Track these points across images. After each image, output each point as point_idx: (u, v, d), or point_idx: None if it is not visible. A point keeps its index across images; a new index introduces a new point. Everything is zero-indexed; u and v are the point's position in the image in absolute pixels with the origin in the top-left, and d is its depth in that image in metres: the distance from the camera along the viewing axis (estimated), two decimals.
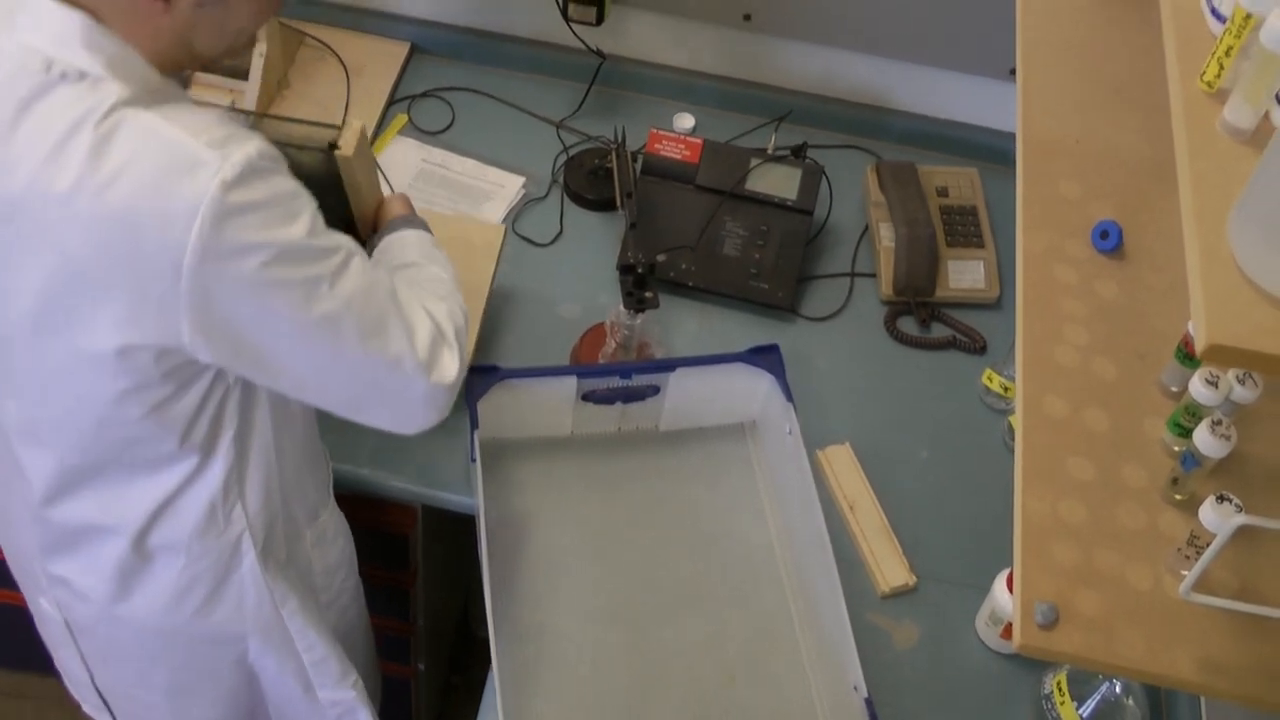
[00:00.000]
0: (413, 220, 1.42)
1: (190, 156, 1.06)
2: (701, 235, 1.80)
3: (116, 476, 1.25)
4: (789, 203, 1.84)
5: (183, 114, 1.10)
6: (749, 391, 1.65)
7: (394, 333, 1.20)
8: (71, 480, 1.26)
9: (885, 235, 1.86)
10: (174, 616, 1.36)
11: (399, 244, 1.39)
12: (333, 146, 1.32)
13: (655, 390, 1.62)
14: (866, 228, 1.92)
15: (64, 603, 1.40)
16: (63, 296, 1.10)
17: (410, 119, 1.96)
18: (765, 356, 1.64)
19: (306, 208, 1.13)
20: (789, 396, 1.58)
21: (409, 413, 1.25)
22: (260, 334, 1.13)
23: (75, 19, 1.08)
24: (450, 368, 1.25)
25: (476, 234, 1.71)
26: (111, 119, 1.06)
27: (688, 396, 1.63)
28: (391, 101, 1.97)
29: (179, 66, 1.17)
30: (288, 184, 1.13)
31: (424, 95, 2.00)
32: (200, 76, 1.87)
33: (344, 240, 1.18)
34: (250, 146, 1.09)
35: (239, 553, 1.33)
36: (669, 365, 1.61)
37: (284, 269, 1.11)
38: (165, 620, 1.36)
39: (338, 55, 1.98)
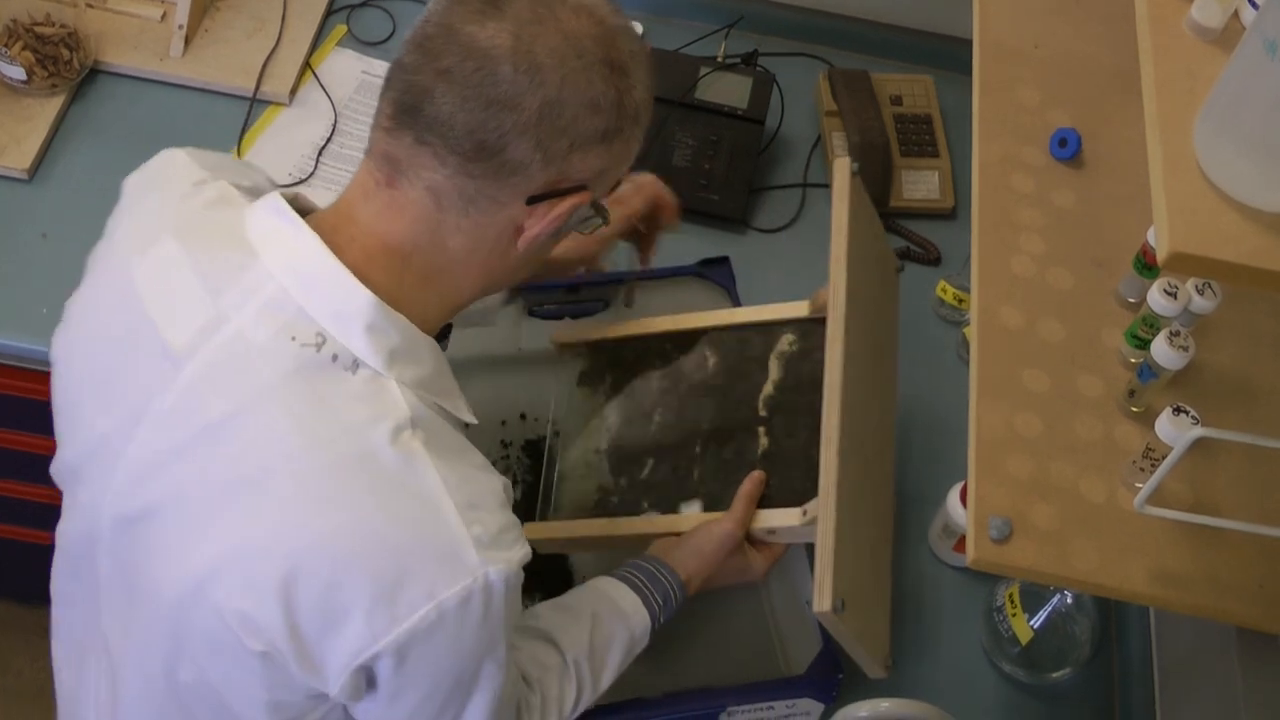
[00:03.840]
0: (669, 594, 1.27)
1: (452, 548, 0.92)
2: (650, 146, 1.75)
3: None
4: (740, 112, 1.80)
5: (463, 461, 0.96)
6: (699, 304, 1.62)
7: None
8: None
9: (838, 145, 1.82)
10: None
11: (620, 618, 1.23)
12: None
13: (604, 305, 1.59)
14: (819, 137, 1.88)
15: None
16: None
17: (350, 29, 1.89)
18: (716, 269, 1.61)
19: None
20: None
21: None
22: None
23: (363, 297, 0.92)
24: None
25: None
26: (398, 446, 0.91)
27: (636, 310, 1.59)
28: (330, 11, 1.90)
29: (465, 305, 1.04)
30: (507, 609, 0.97)
31: (363, 4, 1.93)
32: None
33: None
34: (519, 553, 0.95)
35: None
36: (617, 278, 1.57)
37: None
38: None
39: None
